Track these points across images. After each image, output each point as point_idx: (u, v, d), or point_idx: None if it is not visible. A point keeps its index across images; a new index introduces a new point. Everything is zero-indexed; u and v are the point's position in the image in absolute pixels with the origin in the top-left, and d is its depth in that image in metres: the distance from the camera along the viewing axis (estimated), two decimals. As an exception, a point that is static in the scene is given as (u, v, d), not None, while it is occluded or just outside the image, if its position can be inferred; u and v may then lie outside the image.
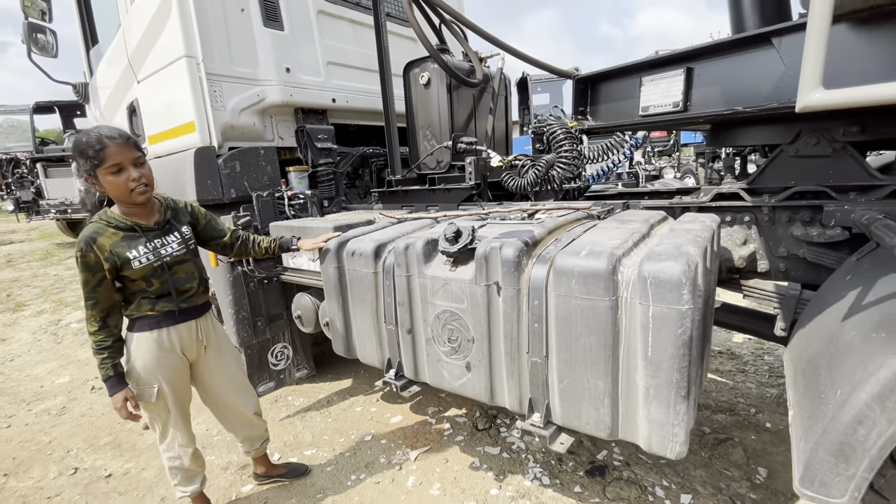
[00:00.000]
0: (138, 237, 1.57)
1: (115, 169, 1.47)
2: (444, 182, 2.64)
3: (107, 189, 1.50)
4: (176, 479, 1.82)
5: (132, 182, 1.50)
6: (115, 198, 1.54)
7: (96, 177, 1.48)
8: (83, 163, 1.47)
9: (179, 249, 1.67)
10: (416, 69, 2.82)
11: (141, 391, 1.64)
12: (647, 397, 1.20)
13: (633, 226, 1.50)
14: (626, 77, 2.00)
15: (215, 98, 2.52)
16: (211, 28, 2.49)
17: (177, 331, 1.68)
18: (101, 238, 1.51)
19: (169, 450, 1.76)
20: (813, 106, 0.78)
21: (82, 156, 1.46)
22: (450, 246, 1.55)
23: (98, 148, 1.44)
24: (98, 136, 1.46)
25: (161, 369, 1.65)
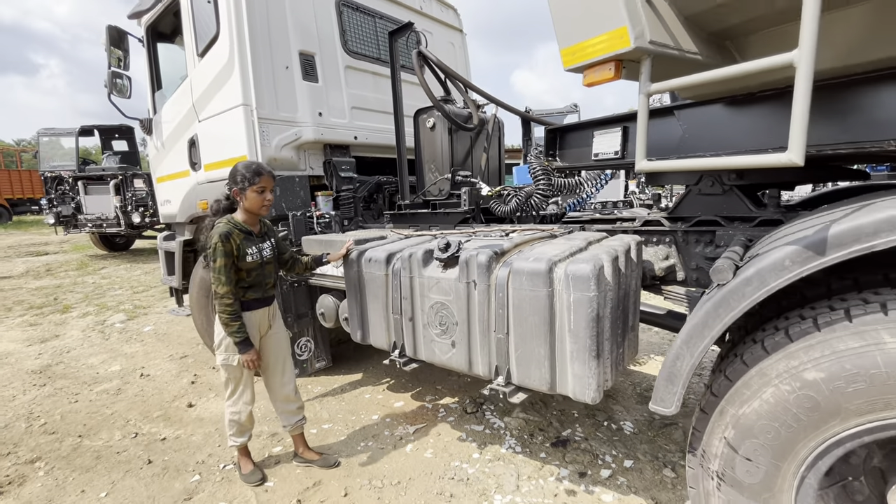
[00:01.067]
0: (252, 239, 2.20)
1: (259, 189, 2.13)
2: (443, 207, 3.24)
3: (247, 201, 2.13)
4: (232, 430, 2.36)
5: (266, 202, 2.18)
6: (248, 208, 2.16)
7: (244, 190, 2.12)
8: (241, 178, 2.11)
9: (271, 253, 2.30)
10: (424, 115, 3.46)
11: (228, 356, 2.23)
12: (571, 359, 1.74)
13: (575, 242, 2.07)
14: (583, 130, 2.59)
15: (263, 137, 3.17)
16: (262, 82, 3.16)
17: (256, 314, 2.26)
18: (233, 235, 2.10)
19: (234, 405, 2.31)
20: (641, 170, 1.35)
21: (243, 174, 2.11)
22: (441, 254, 2.12)
23: (257, 172, 2.13)
24: (259, 165, 2.17)
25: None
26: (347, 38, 3.76)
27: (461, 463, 2.52)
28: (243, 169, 2.14)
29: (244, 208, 2.18)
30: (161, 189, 4.39)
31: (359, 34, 3.88)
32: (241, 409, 2.33)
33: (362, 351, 4.26)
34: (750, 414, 1.32)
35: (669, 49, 1.33)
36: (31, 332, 5.15)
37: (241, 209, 2.20)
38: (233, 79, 3.12)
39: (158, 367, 4.06)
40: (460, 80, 3.30)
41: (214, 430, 2.97)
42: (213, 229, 2.12)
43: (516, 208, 2.98)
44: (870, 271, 1.43)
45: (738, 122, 1.83)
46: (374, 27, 4.03)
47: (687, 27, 1.40)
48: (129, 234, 10.94)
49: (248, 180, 2.12)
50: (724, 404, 1.39)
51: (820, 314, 1.26)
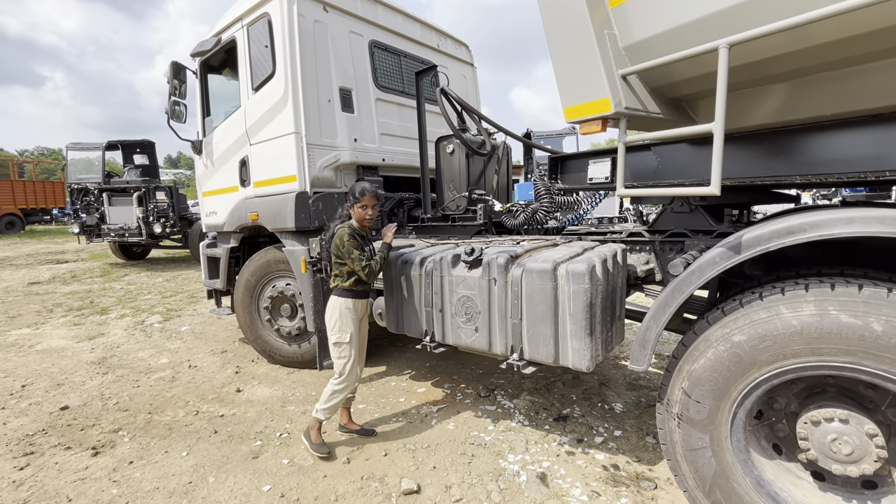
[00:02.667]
0: (364, 240, 2.81)
1: (363, 205, 2.74)
2: (461, 220, 3.80)
3: (354, 213, 2.75)
4: (328, 405, 2.78)
5: (367, 218, 2.78)
6: (356, 219, 2.77)
7: (353, 205, 2.73)
8: (352, 196, 2.74)
9: (372, 254, 2.84)
10: (444, 142, 4.04)
11: (342, 335, 2.75)
12: (571, 336, 2.27)
13: (573, 248, 2.62)
14: (580, 159, 3.17)
15: (310, 159, 3.74)
16: (310, 114, 3.74)
17: (361, 302, 2.82)
18: (356, 235, 2.72)
19: (341, 383, 2.77)
20: (620, 194, 1.91)
21: (354, 192, 2.73)
22: (467, 257, 2.67)
23: (362, 192, 2.73)
24: (364, 186, 2.74)
25: (353, 323, 2.78)
26: (378, 74, 4.37)
27: (479, 433, 3.03)
28: (357, 187, 2.75)
29: (359, 217, 2.77)
30: (207, 202, 4.95)
31: (387, 71, 4.49)
32: (348, 384, 2.78)
33: (383, 347, 4.77)
34: (698, 368, 1.85)
35: (639, 111, 1.90)
36: (77, 331, 5.65)
37: (355, 218, 2.79)
38: (286, 111, 3.71)
39: (203, 360, 4.56)
40: (476, 113, 3.89)
41: (265, 409, 3.47)
42: (339, 231, 2.71)
43: (524, 222, 3.54)
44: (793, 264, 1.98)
45: (695, 157, 2.40)
46: (400, 64, 4.64)
47: (652, 95, 1.97)
48: (148, 244, 11.47)
49: (356, 197, 2.73)
50: (681, 363, 1.92)
51: (744, 296, 1.81)
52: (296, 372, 4.18)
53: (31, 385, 3.95)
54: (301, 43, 3.67)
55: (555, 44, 1.98)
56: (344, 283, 2.77)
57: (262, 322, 4.31)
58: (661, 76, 1.93)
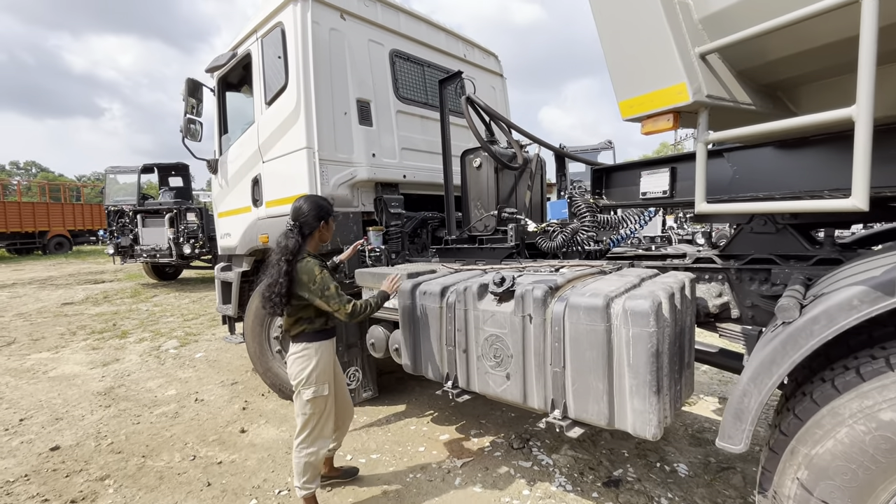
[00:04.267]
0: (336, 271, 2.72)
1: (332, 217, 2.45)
2: (490, 242, 3.36)
3: (329, 231, 2.43)
4: (306, 476, 2.32)
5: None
6: (327, 239, 2.46)
7: (327, 223, 2.39)
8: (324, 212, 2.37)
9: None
10: (471, 155, 3.65)
11: (320, 388, 2.32)
12: (630, 394, 1.77)
13: (628, 278, 2.12)
14: (628, 171, 2.69)
15: (323, 176, 3.42)
16: (324, 127, 3.43)
17: (332, 343, 2.42)
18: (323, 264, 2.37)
19: (311, 445, 2.31)
20: (700, 212, 1.43)
21: (325, 208, 2.37)
22: (497, 288, 2.22)
23: (330, 205, 2.45)
24: (321, 203, 2.39)
25: (331, 368, 2.40)
26: (399, 85, 4.05)
27: (511, 499, 2.51)
28: (318, 202, 2.39)
29: (321, 239, 2.42)
30: (222, 223, 4.72)
31: (409, 81, 4.17)
32: (320, 446, 2.34)
33: (405, 382, 4.32)
34: (824, 454, 1.31)
35: (725, 101, 1.43)
36: (93, 356, 5.49)
37: (315, 243, 2.40)
38: (298, 124, 3.41)
39: (211, 393, 4.24)
40: (506, 122, 3.48)
41: (267, 455, 3.07)
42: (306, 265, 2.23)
43: (562, 244, 3.06)
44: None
45: (789, 164, 1.88)
46: (423, 75, 4.32)
47: (740, 80, 1.50)
48: (178, 264, 11.56)
49: (330, 212, 2.42)
50: (795, 444, 1.39)
51: (893, 354, 1.27)
52: (307, 409, 3.78)
53: (30, 419, 3.71)
54: (315, 52, 3.39)
55: (607, 21, 1.55)
56: (313, 326, 2.32)
57: (273, 353, 3.96)
58: (751, 54, 1.46)
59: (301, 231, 2.30)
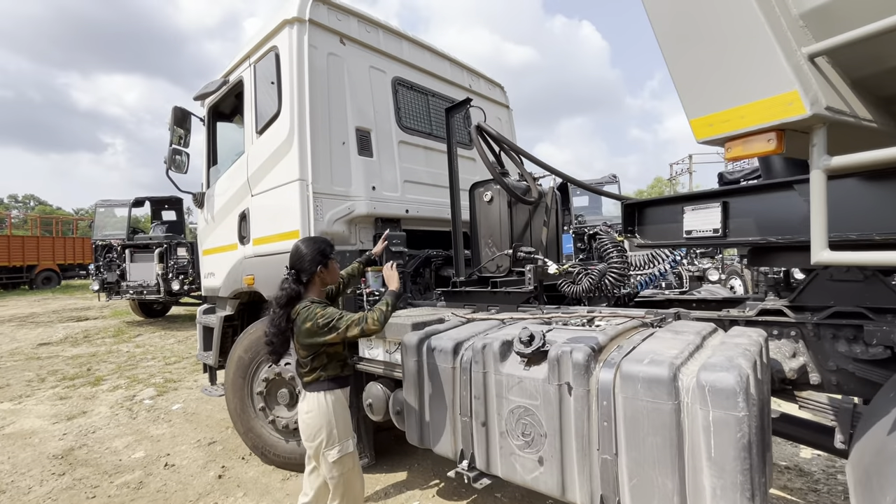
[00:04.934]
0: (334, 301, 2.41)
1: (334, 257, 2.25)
2: (504, 285, 2.96)
3: (328, 275, 2.20)
4: None
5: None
6: (331, 281, 2.27)
7: (327, 265, 2.16)
8: (321, 255, 2.14)
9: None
10: (480, 188, 3.31)
11: (344, 444, 2.07)
12: (714, 497, 1.33)
13: (687, 337, 1.73)
14: (667, 205, 2.34)
15: (317, 211, 3.06)
16: (319, 157, 3.11)
17: (347, 391, 2.20)
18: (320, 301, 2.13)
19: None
20: (823, 263, 1.06)
21: (322, 251, 2.15)
22: (524, 348, 1.81)
23: (331, 246, 2.25)
24: (321, 245, 2.20)
25: (349, 420, 2.18)
26: (402, 114, 3.77)
27: None
28: (316, 245, 2.18)
29: (322, 284, 2.20)
30: (207, 261, 4.33)
31: (412, 111, 3.90)
32: None
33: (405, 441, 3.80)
34: None
35: (845, 116, 1.09)
36: (59, 408, 4.95)
37: (316, 288, 2.17)
38: (290, 154, 3.09)
39: (184, 455, 3.71)
40: (521, 152, 3.17)
41: (242, 543, 2.55)
42: (306, 311, 2.02)
43: (589, 288, 2.68)
44: None
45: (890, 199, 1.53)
46: (427, 104, 4.06)
47: (855, 91, 1.16)
48: (166, 301, 11.05)
49: (329, 254, 2.19)
50: None
51: None
52: (292, 478, 3.26)
53: (-34, 492, 3.17)
54: (311, 77, 3.11)
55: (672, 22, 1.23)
56: (327, 373, 2.10)
57: (256, 411, 3.47)
58: (870, 58, 1.13)
59: (298, 278, 2.12)
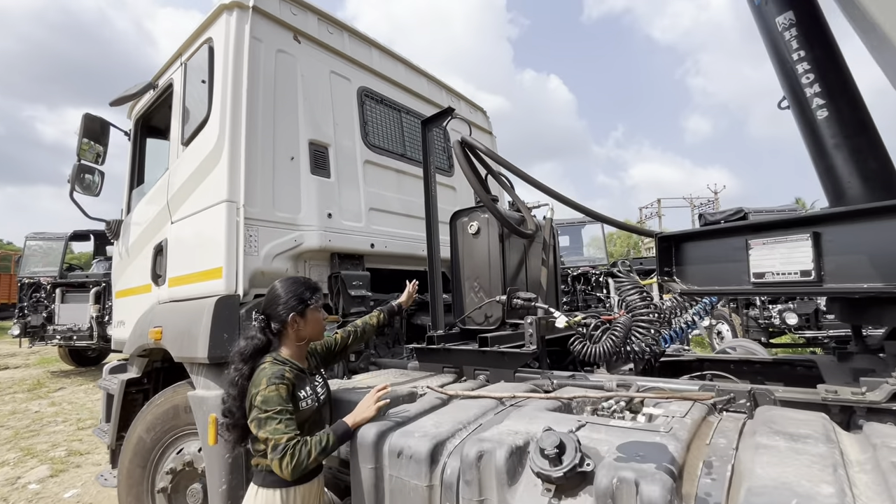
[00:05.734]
0: (304, 379, 1.67)
1: (321, 305, 1.73)
2: (497, 342, 2.24)
3: (307, 326, 1.68)
4: None
5: (324, 321, 1.77)
6: (310, 335, 1.71)
7: (304, 314, 1.66)
8: (297, 300, 1.66)
9: (324, 392, 1.73)
10: (464, 218, 2.66)
11: None
12: None
13: (817, 448, 1.04)
14: (721, 237, 1.73)
15: (249, 243, 2.32)
16: (258, 174, 2.41)
17: (308, 488, 1.59)
18: (287, 373, 1.56)
19: None
20: None
21: (300, 295, 1.67)
22: (550, 466, 1.08)
23: (315, 289, 1.74)
24: (309, 279, 1.79)
25: None
26: (369, 129, 3.15)
27: None
28: (295, 287, 1.72)
29: (298, 338, 1.69)
30: (118, 306, 3.46)
31: (382, 127, 3.28)
32: None
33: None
34: None
35: None
36: (-90, 497, 3.78)
37: (291, 342, 1.69)
38: (218, 168, 2.37)
39: (54, 578, 2.69)
40: (518, 173, 2.52)
41: None
42: (260, 373, 1.57)
43: (613, 350, 1.99)
44: None
45: None
46: (400, 122, 3.46)
47: None
48: (101, 348, 9.71)
49: (310, 299, 1.70)
50: None
51: None
52: None
53: None
54: (252, 74, 2.46)
55: None
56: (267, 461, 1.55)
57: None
58: None
59: (268, 325, 1.69)
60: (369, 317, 2.17)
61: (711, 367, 2.47)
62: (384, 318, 2.20)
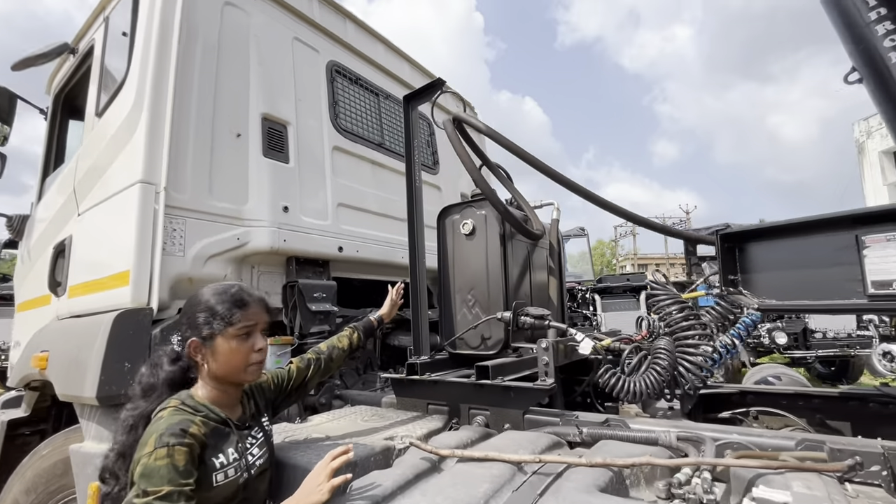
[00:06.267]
0: (229, 435, 1.11)
1: (245, 331, 1.13)
2: (499, 373, 1.71)
3: (217, 359, 1.11)
4: None
5: (256, 354, 1.15)
6: (224, 373, 1.12)
7: (211, 341, 1.10)
8: (206, 321, 1.10)
9: (265, 457, 1.19)
10: (455, 215, 2.15)
11: None
12: None
13: None
14: (814, 233, 1.28)
15: (172, 239, 1.74)
16: (189, 151, 1.85)
17: None
18: (192, 430, 1.02)
19: None
20: None
21: (210, 311, 1.11)
22: None
23: (239, 303, 1.13)
24: (239, 289, 1.17)
25: None
26: (340, 111, 2.63)
27: None
28: (208, 300, 1.14)
29: (213, 376, 1.13)
30: (17, 322, 2.76)
31: (356, 110, 2.77)
32: None
33: None
34: None
35: None
36: None
37: (207, 378, 1.14)
38: (134, 141, 1.79)
39: None
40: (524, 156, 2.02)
41: None
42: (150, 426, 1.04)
43: (658, 385, 1.50)
44: None
45: None
46: (378, 107, 2.96)
47: None
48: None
49: (224, 319, 1.11)
50: None
51: None
52: None
53: None
54: (186, 25, 1.91)
55: None
56: None
57: None
58: None
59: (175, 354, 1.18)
60: (338, 338, 1.64)
61: (758, 401, 2.01)
62: (359, 338, 1.69)
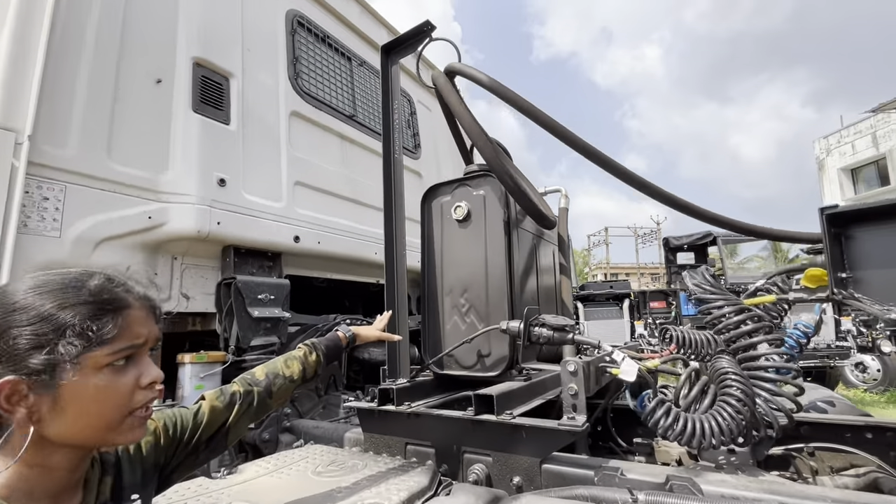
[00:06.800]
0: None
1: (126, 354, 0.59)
2: (506, 405, 1.24)
3: (66, 412, 0.55)
4: None
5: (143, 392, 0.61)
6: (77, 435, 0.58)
7: (52, 379, 0.54)
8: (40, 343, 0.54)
9: None
10: (444, 197, 1.69)
11: None
12: None
13: None
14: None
15: (41, 212, 1.20)
16: (75, 92, 1.32)
17: None
18: None
19: None
20: None
21: (50, 324, 0.55)
22: None
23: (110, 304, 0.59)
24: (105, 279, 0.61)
25: None
26: (301, 71, 2.13)
27: None
28: (49, 298, 0.55)
29: (51, 441, 0.56)
30: None
31: (323, 74, 2.28)
32: None
33: None
34: None
35: None
36: None
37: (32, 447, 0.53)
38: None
39: None
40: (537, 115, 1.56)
41: None
42: None
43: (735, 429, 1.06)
44: None
45: None
46: (350, 73, 2.48)
47: None
48: None
49: (80, 334, 0.54)
50: None
51: None
52: None
53: None
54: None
55: None
56: None
57: None
58: None
59: None
60: (286, 359, 1.07)
61: (815, 434, 1.62)
62: (318, 360, 1.12)
